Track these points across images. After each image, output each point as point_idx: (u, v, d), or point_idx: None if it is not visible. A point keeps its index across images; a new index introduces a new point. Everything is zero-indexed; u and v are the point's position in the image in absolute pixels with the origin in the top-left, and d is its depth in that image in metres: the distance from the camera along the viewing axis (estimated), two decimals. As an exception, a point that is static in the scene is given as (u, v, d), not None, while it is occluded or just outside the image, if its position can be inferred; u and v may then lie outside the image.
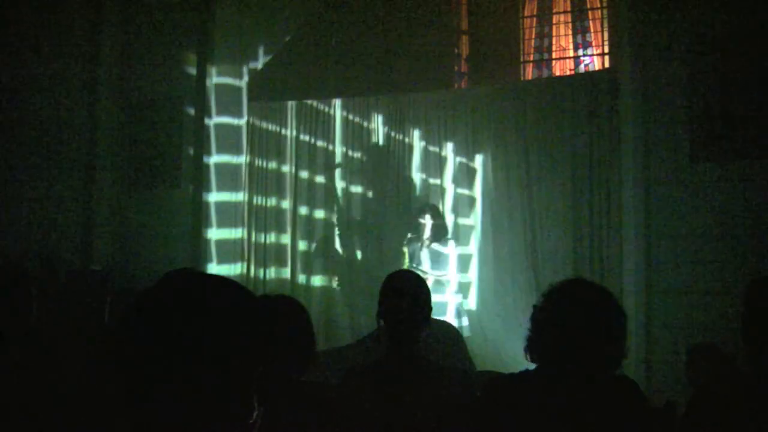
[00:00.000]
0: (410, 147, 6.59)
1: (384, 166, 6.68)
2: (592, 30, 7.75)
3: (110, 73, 6.80)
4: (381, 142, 6.70)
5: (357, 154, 6.78)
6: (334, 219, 6.81)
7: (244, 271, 6.88)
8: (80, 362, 1.98)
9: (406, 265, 5.72)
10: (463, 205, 6.39)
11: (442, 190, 6.45)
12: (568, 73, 7.68)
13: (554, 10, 7.91)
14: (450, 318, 5.47)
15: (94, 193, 6.72)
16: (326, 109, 6.87)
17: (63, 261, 6.13)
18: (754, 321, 1.94)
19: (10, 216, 6.15)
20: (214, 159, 6.61)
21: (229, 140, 6.74)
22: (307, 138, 6.89)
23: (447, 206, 6.42)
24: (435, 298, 5.56)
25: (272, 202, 6.95)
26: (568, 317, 1.93)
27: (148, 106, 6.76)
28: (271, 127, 6.99)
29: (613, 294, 2.02)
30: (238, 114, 6.84)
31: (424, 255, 5.70)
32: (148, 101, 6.75)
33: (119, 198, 6.81)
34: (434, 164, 6.50)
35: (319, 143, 6.86)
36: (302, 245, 6.88)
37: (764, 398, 1.89)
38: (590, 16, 7.80)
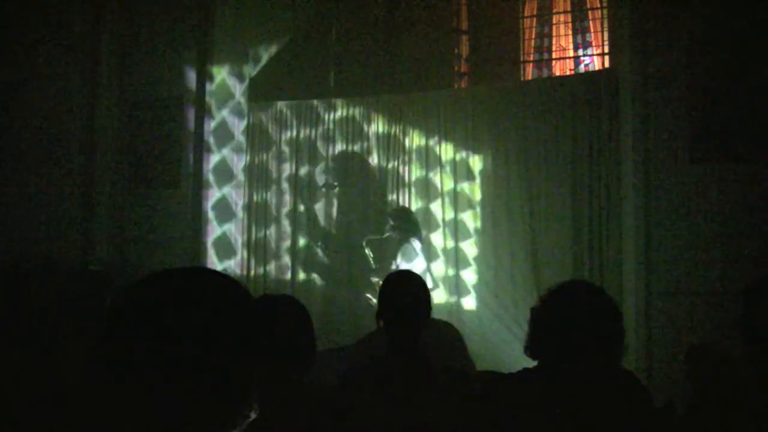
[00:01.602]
0: (410, 147, 6.59)
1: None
2: (592, 30, 7.75)
3: (110, 74, 6.80)
4: (381, 141, 6.69)
5: (357, 152, 6.78)
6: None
7: (244, 270, 6.89)
8: (80, 362, 1.97)
9: (372, 266, 5.97)
10: (463, 205, 6.38)
11: (441, 190, 6.45)
12: (568, 73, 7.67)
13: (554, 10, 7.91)
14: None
15: (94, 193, 6.72)
16: (326, 109, 6.87)
17: (63, 261, 6.13)
18: (754, 321, 1.94)
19: (10, 216, 6.15)
20: (214, 158, 6.61)
21: (229, 140, 6.75)
22: (307, 137, 6.88)
23: (447, 206, 6.42)
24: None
25: (272, 200, 6.95)
26: (563, 317, 1.95)
27: (148, 107, 6.76)
28: (271, 125, 6.99)
29: (608, 294, 2.04)
30: (238, 113, 6.85)
31: (389, 255, 5.87)
32: (148, 101, 6.75)
33: (119, 198, 6.81)
34: (434, 164, 6.50)
35: (319, 142, 6.86)
36: (302, 244, 6.88)
37: (764, 398, 1.89)
38: (590, 16, 7.79)
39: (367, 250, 6.10)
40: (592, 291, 2.03)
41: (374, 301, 5.77)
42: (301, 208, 6.88)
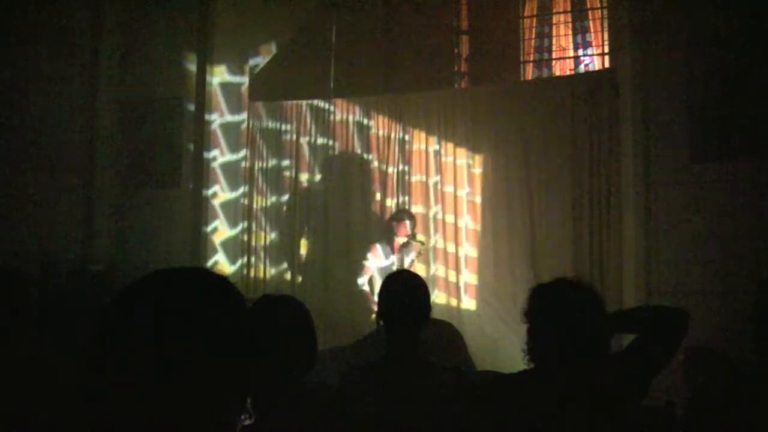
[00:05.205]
0: (409, 147, 6.59)
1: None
2: (592, 30, 7.75)
3: (110, 73, 6.80)
4: (381, 141, 6.69)
5: (357, 151, 6.78)
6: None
7: (244, 269, 6.88)
8: (79, 362, 1.97)
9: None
10: (463, 206, 6.38)
11: (441, 190, 6.45)
12: (568, 73, 7.68)
13: (554, 10, 7.91)
14: None
15: (94, 193, 6.72)
16: (326, 108, 6.87)
17: (63, 261, 6.13)
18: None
19: (10, 216, 6.16)
20: (214, 158, 6.61)
21: (229, 139, 6.75)
22: (307, 137, 6.88)
23: (446, 206, 6.41)
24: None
25: (272, 200, 6.95)
26: (545, 318, 1.96)
27: (148, 106, 6.75)
28: (271, 126, 6.99)
29: (589, 287, 2.04)
30: (238, 113, 6.85)
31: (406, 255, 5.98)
32: (148, 101, 6.74)
33: (119, 198, 6.80)
34: (434, 164, 6.50)
35: (319, 141, 6.86)
36: (302, 243, 6.87)
37: (764, 399, 1.89)
38: (590, 16, 7.79)
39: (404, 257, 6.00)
40: (572, 286, 2.03)
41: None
42: (302, 208, 6.87)
